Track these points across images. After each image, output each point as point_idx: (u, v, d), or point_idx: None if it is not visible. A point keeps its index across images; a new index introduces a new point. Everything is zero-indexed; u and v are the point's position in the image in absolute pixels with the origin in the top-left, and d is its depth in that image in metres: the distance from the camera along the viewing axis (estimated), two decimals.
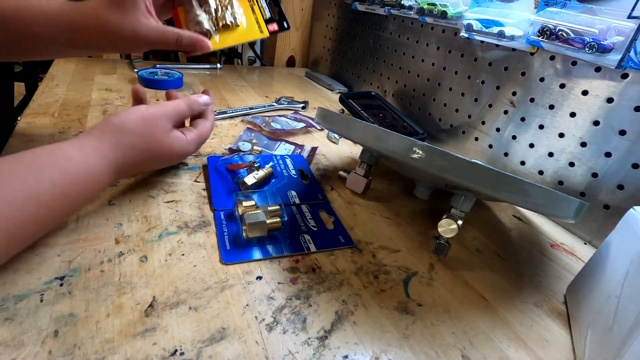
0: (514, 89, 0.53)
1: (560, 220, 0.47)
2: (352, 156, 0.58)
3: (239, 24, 0.45)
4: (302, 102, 0.76)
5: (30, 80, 1.31)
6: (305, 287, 0.31)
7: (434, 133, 0.68)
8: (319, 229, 0.38)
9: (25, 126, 0.50)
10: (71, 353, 0.23)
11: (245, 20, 0.45)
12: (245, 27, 0.45)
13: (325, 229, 0.39)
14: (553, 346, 0.30)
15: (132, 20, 0.37)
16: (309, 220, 0.39)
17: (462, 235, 0.42)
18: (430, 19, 0.64)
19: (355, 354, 0.26)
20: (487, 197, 0.37)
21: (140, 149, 0.35)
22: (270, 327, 0.27)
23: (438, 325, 0.30)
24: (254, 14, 0.46)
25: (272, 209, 0.37)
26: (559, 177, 0.47)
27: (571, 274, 0.38)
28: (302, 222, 0.39)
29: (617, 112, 0.41)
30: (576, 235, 0.46)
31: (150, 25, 0.38)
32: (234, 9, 0.44)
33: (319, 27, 1.06)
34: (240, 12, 0.45)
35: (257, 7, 0.46)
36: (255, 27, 0.45)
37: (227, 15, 0.43)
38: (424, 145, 0.30)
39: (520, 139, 0.52)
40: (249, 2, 0.46)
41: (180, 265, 0.31)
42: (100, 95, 0.64)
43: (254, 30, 0.45)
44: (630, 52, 0.38)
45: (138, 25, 0.37)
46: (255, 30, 0.45)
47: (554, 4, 0.45)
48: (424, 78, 0.70)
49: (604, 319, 0.27)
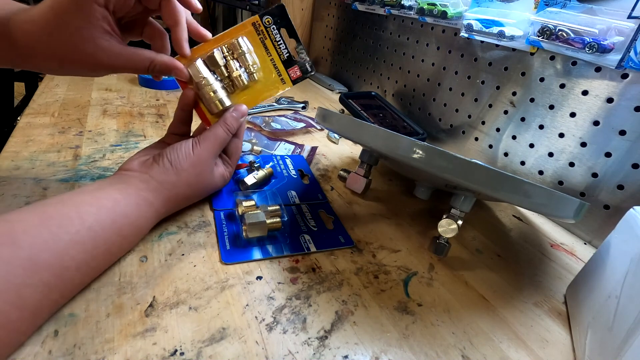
0: (514, 89, 0.52)
1: (560, 220, 0.47)
2: (352, 156, 0.58)
3: (257, 79, 0.37)
4: (302, 102, 0.76)
5: (30, 80, 1.31)
6: (305, 287, 0.31)
7: (434, 133, 0.68)
8: (319, 228, 0.38)
9: (25, 126, 0.50)
10: (71, 353, 0.23)
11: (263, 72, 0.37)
12: (263, 81, 0.37)
13: (325, 228, 0.39)
14: (553, 346, 0.30)
15: (87, 44, 0.29)
16: (309, 220, 0.39)
17: (462, 235, 0.42)
18: (430, 19, 0.63)
19: (355, 354, 0.26)
20: (487, 197, 0.37)
21: (188, 197, 0.36)
22: (270, 327, 0.27)
23: (438, 325, 0.30)
24: (270, 55, 0.37)
25: (272, 209, 0.37)
26: (559, 177, 0.47)
27: (571, 274, 0.38)
28: (302, 222, 0.39)
29: (617, 112, 0.41)
30: (576, 235, 0.46)
31: (112, 49, 0.30)
32: (247, 62, 0.36)
33: (319, 27, 1.06)
34: (256, 61, 0.37)
35: (272, 47, 0.36)
36: (275, 76, 0.37)
37: (242, 76, 0.36)
38: (424, 145, 0.30)
39: (520, 139, 0.52)
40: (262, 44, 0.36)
41: (180, 265, 0.31)
42: (100, 95, 0.64)
43: (274, 83, 0.37)
44: (630, 52, 0.38)
45: (96, 49, 0.30)
46: (275, 82, 0.37)
47: (554, 4, 0.45)
48: (424, 78, 0.70)
49: (604, 319, 0.27)
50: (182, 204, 0.36)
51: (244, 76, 0.35)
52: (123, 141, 0.50)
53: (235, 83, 0.35)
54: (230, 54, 0.35)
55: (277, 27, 0.35)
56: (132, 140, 0.50)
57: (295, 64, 0.37)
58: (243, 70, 0.35)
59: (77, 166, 0.42)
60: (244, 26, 0.35)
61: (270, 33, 0.35)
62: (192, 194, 0.36)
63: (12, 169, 0.40)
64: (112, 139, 0.50)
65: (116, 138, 0.50)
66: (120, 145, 0.49)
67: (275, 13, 0.35)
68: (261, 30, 0.35)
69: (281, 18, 0.35)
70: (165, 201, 0.33)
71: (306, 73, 0.37)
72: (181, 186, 0.34)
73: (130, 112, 0.60)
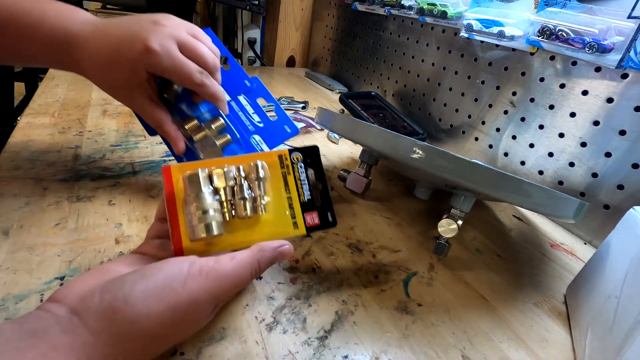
0: (514, 89, 0.52)
1: (560, 220, 0.47)
2: (352, 156, 0.58)
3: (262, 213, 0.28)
4: (302, 102, 0.76)
5: (30, 80, 1.31)
6: (305, 287, 0.31)
7: (434, 133, 0.68)
8: (265, 123, 0.39)
9: (25, 126, 0.50)
10: None
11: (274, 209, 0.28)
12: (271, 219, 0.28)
13: (269, 121, 0.39)
14: (553, 346, 0.30)
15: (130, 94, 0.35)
16: (252, 115, 0.39)
17: (462, 235, 0.42)
18: (430, 19, 0.63)
19: (355, 354, 0.26)
20: (487, 197, 0.37)
21: (148, 352, 0.21)
22: (270, 327, 0.27)
23: (438, 325, 0.30)
24: (288, 193, 0.29)
25: (216, 126, 0.37)
26: (559, 177, 0.47)
27: (571, 274, 0.38)
28: (247, 120, 0.39)
29: (617, 112, 0.41)
30: (576, 235, 0.46)
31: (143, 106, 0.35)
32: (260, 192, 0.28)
33: (319, 27, 1.06)
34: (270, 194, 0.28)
35: (293, 185, 0.29)
36: (288, 217, 0.28)
37: (248, 204, 0.27)
38: (424, 145, 0.30)
39: (520, 139, 0.52)
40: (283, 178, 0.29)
41: None
42: (100, 95, 0.64)
43: (285, 224, 0.28)
44: (630, 52, 0.38)
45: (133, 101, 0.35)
46: (286, 223, 0.28)
47: (554, 4, 0.45)
48: (424, 78, 0.70)
49: (604, 319, 0.27)
50: None
51: (249, 205, 0.27)
52: (123, 141, 0.50)
53: (237, 210, 0.27)
54: (244, 177, 0.27)
55: (304, 165, 0.30)
56: (132, 141, 0.50)
57: (316, 210, 0.29)
58: (251, 198, 0.27)
59: (77, 166, 0.42)
60: (268, 155, 0.29)
61: (296, 170, 0.29)
62: (156, 348, 0.21)
63: (12, 169, 0.40)
64: (112, 139, 0.50)
65: (116, 138, 0.50)
66: (120, 145, 0.49)
67: (308, 152, 0.30)
68: (286, 165, 0.29)
69: (313, 158, 0.30)
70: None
71: (326, 225, 0.29)
72: (138, 340, 0.20)
73: (131, 112, 0.60)
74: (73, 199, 0.37)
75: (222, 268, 0.22)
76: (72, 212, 0.35)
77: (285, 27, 1.07)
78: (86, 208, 0.36)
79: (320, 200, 0.29)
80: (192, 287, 0.21)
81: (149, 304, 0.20)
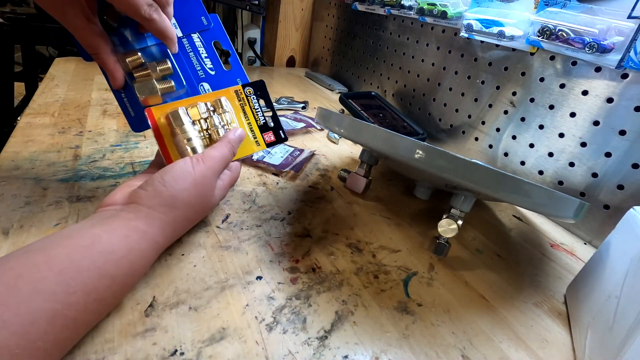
0: (514, 89, 0.52)
1: (560, 220, 0.47)
2: (352, 156, 0.58)
3: None
4: (302, 102, 0.76)
5: (30, 80, 1.31)
6: (305, 287, 0.31)
7: (434, 133, 0.68)
8: (217, 71, 0.38)
9: (25, 126, 0.50)
10: (71, 353, 0.23)
11: None
12: None
13: (223, 70, 0.38)
14: (553, 346, 0.30)
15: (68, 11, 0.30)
16: (205, 60, 0.37)
17: (462, 235, 0.42)
18: (430, 19, 0.64)
19: (355, 354, 0.26)
20: (487, 197, 0.37)
21: (188, 220, 0.32)
22: (270, 327, 0.27)
23: (438, 325, 0.30)
24: (247, 120, 0.38)
25: (162, 69, 0.35)
26: (559, 177, 0.47)
27: (571, 274, 0.38)
28: (199, 65, 0.37)
29: (617, 112, 0.41)
30: (576, 235, 0.46)
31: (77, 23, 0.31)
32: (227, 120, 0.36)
33: (319, 27, 1.06)
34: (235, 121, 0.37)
35: (250, 113, 0.38)
36: (250, 138, 0.38)
37: (220, 130, 0.35)
38: (424, 145, 0.30)
39: (520, 139, 0.52)
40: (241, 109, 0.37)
41: (180, 265, 0.31)
42: (100, 95, 0.64)
43: (249, 143, 0.38)
44: (630, 52, 0.38)
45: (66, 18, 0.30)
46: (250, 143, 0.38)
47: (554, 4, 0.45)
48: (424, 78, 0.70)
49: (604, 319, 0.27)
50: (183, 228, 0.32)
51: (222, 131, 0.35)
52: (123, 141, 0.50)
53: (212, 136, 0.35)
54: (213, 111, 0.36)
55: (256, 97, 0.38)
56: (132, 141, 0.50)
57: (270, 129, 0.38)
58: (222, 126, 0.35)
59: (77, 166, 0.42)
60: (226, 91, 0.37)
61: (250, 101, 0.38)
62: (193, 216, 0.32)
63: (12, 169, 0.40)
64: (112, 139, 0.50)
65: (116, 138, 0.50)
66: (120, 145, 0.49)
67: (257, 86, 0.38)
68: (242, 98, 0.38)
69: (261, 91, 0.38)
70: (163, 227, 0.29)
71: (279, 139, 0.39)
72: (180, 207, 0.30)
73: None
74: (73, 199, 0.37)
75: (210, 152, 0.32)
76: (72, 212, 0.35)
77: (285, 27, 1.07)
78: (86, 208, 0.36)
79: (272, 122, 0.39)
80: (198, 168, 0.31)
81: (178, 183, 0.29)
